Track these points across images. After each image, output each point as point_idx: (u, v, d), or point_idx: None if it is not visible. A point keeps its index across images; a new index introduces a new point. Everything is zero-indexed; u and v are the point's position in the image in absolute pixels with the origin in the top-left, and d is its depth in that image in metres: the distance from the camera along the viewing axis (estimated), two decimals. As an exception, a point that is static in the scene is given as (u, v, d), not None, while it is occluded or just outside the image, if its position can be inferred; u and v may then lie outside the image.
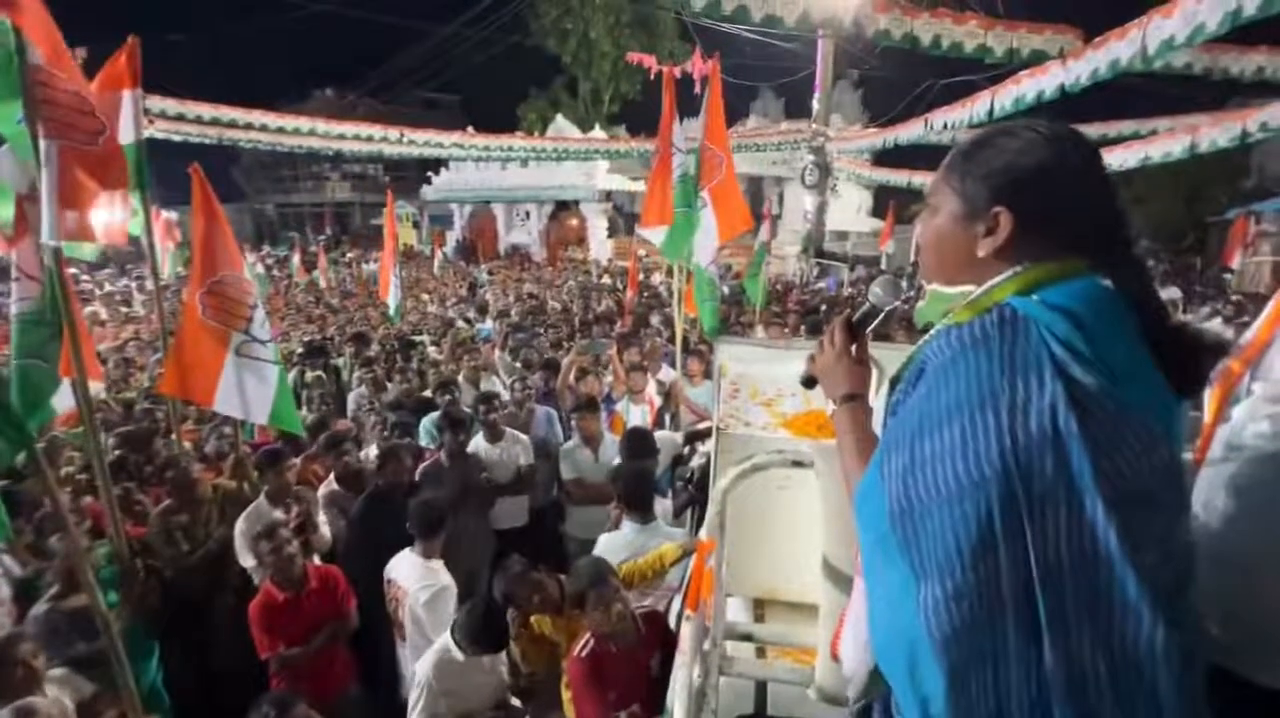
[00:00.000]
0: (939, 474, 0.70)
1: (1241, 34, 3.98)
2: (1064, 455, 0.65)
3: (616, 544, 2.65)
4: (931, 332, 0.83)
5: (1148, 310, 0.75)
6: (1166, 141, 7.95)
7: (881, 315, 1.01)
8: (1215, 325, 7.32)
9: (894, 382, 0.86)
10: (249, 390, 2.92)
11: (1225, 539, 0.86)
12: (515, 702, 2.51)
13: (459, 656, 2.28)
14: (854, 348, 1.00)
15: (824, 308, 7.82)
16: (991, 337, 0.71)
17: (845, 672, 0.95)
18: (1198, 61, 5.94)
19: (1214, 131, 7.14)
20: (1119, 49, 4.31)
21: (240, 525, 2.93)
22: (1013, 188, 0.78)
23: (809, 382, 1.07)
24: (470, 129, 13.64)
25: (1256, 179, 18.54)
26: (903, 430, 0.76)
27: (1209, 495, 0.89)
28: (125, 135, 2.98)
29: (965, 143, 0.85)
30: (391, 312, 7.96)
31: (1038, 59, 5.28)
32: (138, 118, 2.94)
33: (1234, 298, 9.98)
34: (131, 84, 2.87)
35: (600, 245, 20.48)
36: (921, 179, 12.48)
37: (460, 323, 8.31)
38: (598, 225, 20.81)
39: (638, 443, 3.22)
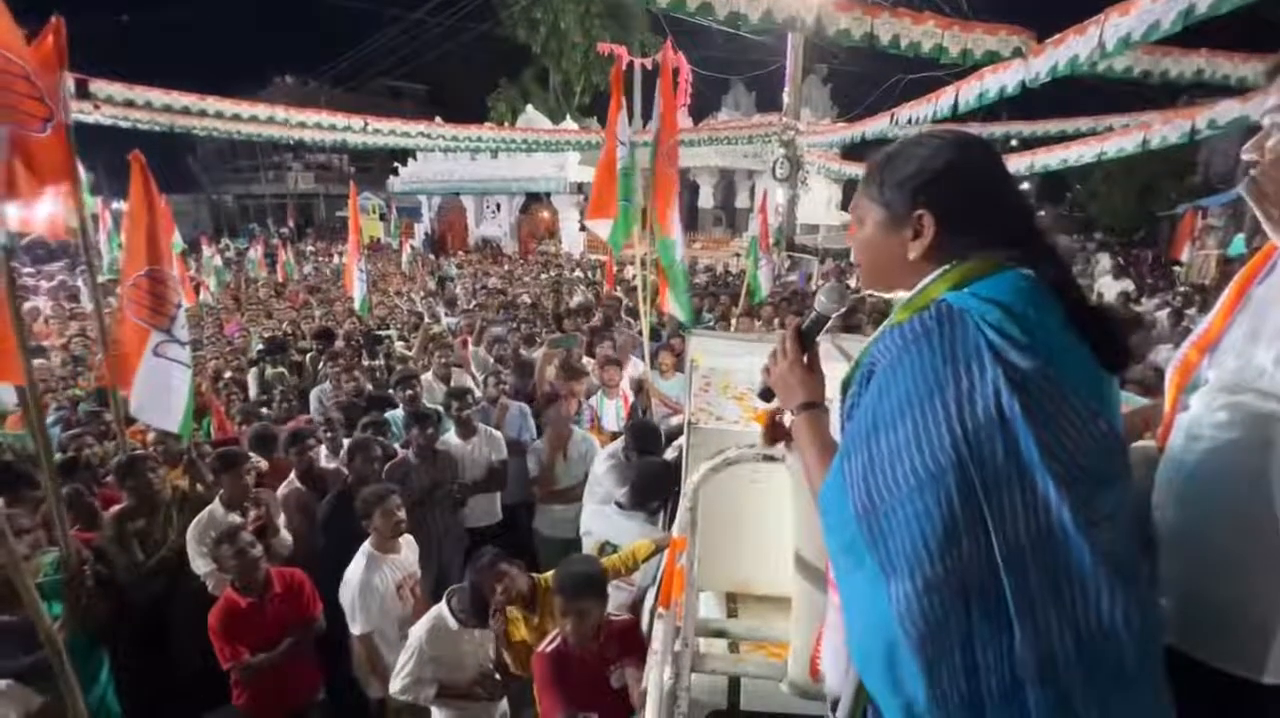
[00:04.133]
0: (898, 470, 0.72)
1: (1182, 37, 4.13)
2: (1012, 437, 0.68)
3: (600, 519, 2.70)
4: (875, 333, 0.85)
5: (1069, 295, 0.79)
6: (1120, 138, 8.23)
7: (830, 322, 1.03)
8: (1164, 316, 7.65)
9: (845, 385, 0.87)
10: (163, 394, 2.82)
11: (1186, 527, 0.88)
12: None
13: (452, 624, 2.38)
14: (805, 356, 1.01)
15: (783, 301, 7.89)
16: (931, 330, 0.74)
17: (829, 688, 0.94)
18: (1138, 64, 6.16)
19: (1165, 128, 7.42)
20: (1078, 45, 4.43)
21: (192, 532, 2.81)
22: (929, 189, 0.83)
23: (766, 393, 1.08)
24: (438, 119, 13.34)
25: (1203, 176, 19.38)
26: (859, 431, 0.78)
27: (1170, 484, 0.91)
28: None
29: (879, 156, 0.90)
30: (357, 305, 7.78)
31: (990, 59, 5.42)
32: (65, 103, 2.79)
33: (1182, 289, 10.43)
34: (59, 66, 2.71)
35: (572, 238, 20.31)
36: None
37: (428, 318, 8.15)
38: (569, 218, 20.62)
39: (644, 437, 3.13)
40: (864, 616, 0.77)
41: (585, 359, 5.17)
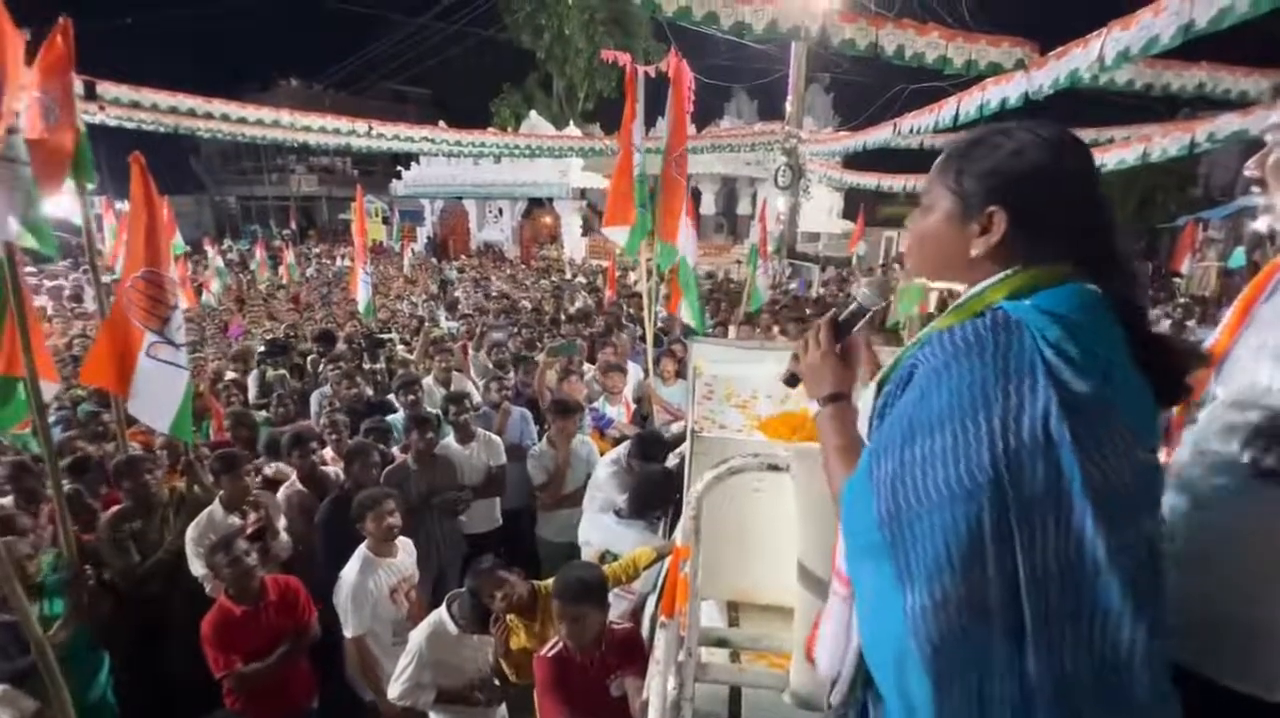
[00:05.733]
0: (930, 479, 0.70)
1: (1183, 50, 4.15)
2: (1055, 463, 0.66)
3: (599, 528, 2.69)
4: (919, 334, 0.83)
5: (1133, 318, 0.76)
6: (1121, 150, 8.24)
7: (869, 315, 1.00)
8: (1163, 327, 7.66)
9: (880, 384, 0.85)
10: (156, 395, 2.84)
11: (1192, 542, 0.87)
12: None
13: (452, 629, 2.38)
14: (839, 348, 0.99)
15: (782, 309, 7.90)
16: (985, 341, 0.71)
17: (820, 673, 0.94)
18: (1140, 77, 6.19)
19: (1165, 141, 7.43)
20: (1079, 59, 4.45)
21: (191, 533, 2.81)
22: (1008, 188, 0.79)
23: (791, 379, 1.05)
24: (442, 123, 13.38)
25: (1204, 188, 19.44)
26: (893, 434, 0.75)
27: (1174, 498, 0.91)
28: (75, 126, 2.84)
29: (960, 141, 0.85)
30: (361, 309, 7.79)
31: (994, 70, 5.45)
32: (72, 105, 2.81)
33: (1182, 301, 10.44)
34: (68, 68, 2.73)
35: (574, 244, 20.35)
36: (890, 182, 12.73)
37: (428, 322, 8.15)
38: (572, 223, 20.66)
39: (648, 445, 3.10)
40: (875, 615, 0.76)
41: (586, 365, 5.17)
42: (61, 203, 2.96)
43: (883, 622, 0.74)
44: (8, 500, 2.72)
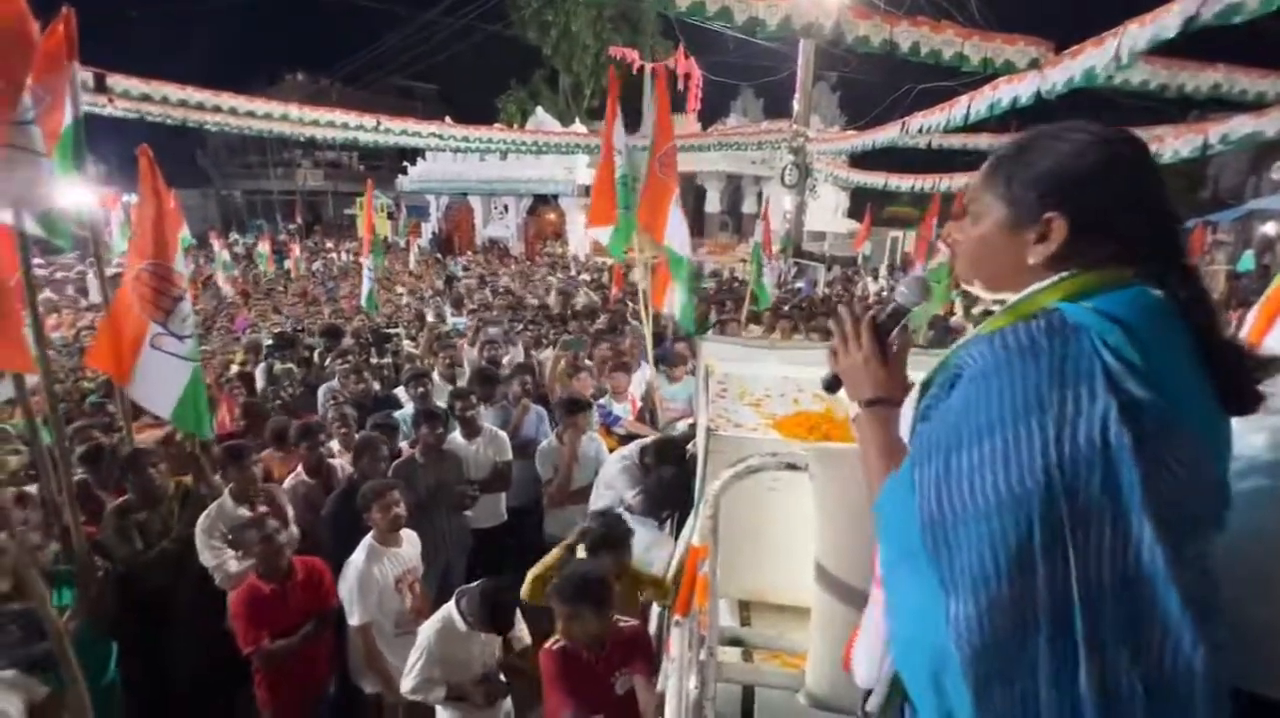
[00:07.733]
0: (977, 486, 0.67)
1: (1200, 51, 4.11)
2: (1113, 471, 0.62)
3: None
4: (967, 336, 0.81)
5: (1200, 322, 0.72)
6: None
7: (908, 315, 0.98)
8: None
9: (924, 386, 0.82)
10: (157, 383, 2.87)
11: (1222, 546, 0.86)
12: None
13: (461, 626, 2.37)
14: (881, 350, 0.95)
15: (785, 307, 7.85)
16: (1040, 344, 0.67)
17: (859, 682, 0.93)
18: (1155, 78, 6.14)
19: (1177, 143, 7.39)
20: (1094, 57, 4.42)
21: (202, 523, 2.81)
22: (1064, 192, 0.75)
23: (832, 384, 1.01)
24: (448, 118, 13.40)
25: (1212, 191, 19.32)
26: (937, 438, 0.72)
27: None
28: (64, 114, 2.85)
29: (1009, 146, 0.82)
30: (363, 302, 7.81)
31: (1009, 69, 5.41)
32: (75, 94, 2.81)
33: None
34: (69, 58, 2.73)
35: (579, 241, 20.34)
36: (896, 182, 12.68)
37: (432, 317, 8.16)
38: (577, 220, 20.62)
39: (664, 447, 3.08)
40: (913, 623, 0.74)
41: (587, 361, 5.16)
42: (71, 194, 2.97)
43: (921, 628, 0.72)
44: (33, 488, 2.73)
